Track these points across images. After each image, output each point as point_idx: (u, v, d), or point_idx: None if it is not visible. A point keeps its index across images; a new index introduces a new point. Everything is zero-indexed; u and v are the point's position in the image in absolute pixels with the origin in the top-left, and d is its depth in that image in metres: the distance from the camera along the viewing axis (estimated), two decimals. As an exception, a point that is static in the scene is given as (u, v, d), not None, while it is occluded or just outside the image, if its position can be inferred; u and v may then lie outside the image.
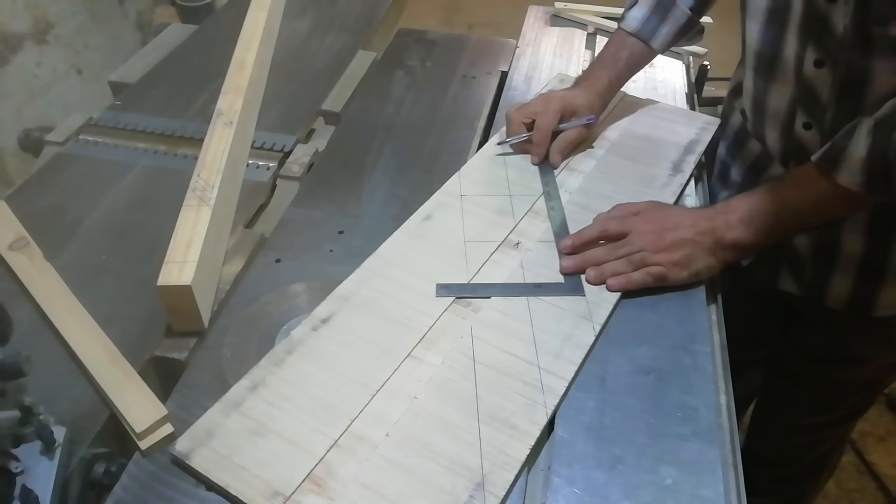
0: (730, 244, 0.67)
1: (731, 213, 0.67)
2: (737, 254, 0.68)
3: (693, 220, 0.68)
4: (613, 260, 0.67)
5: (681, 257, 0.66)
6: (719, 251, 0.67)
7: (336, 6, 1.23)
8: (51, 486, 0.50)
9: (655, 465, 0.53)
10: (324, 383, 0.57)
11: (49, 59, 1.70)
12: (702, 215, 0.68)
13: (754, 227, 0.66)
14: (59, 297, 0.66)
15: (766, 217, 0.66)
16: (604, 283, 0.66)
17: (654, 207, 0.71)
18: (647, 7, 0.85)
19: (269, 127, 0.92)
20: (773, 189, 0.67)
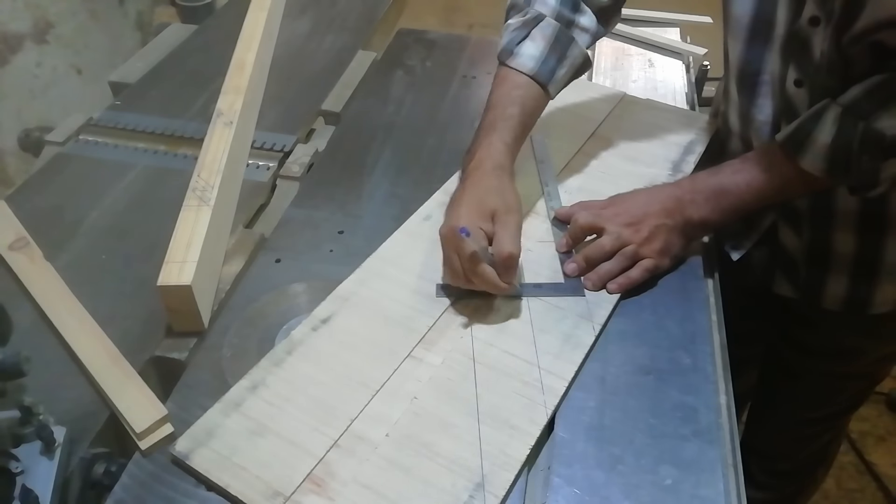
0: (698, 223, 0.68)
1: (697, 192, 0.68)
2: (702, 232, 0.70)
3: (661, 202, 0.68)
4: (607, 260, 0.67)
5: (661, 245, 0.67)
6: (688, 229, 0.68)
7: (336, 6, 1.23)
8: (51, 486, 0.50)
9: (655, 465, 0.53)
10: (324, 383, 0.57)
11: (49, 59, 1.69)
12: (669, 195, 0.69)
13: (720, 206, 0.67)
14: (59, 297, 0.66)
15: (731, 198, 0.67)
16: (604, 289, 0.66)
17: (619, 199, 0.71)
18: (542, 43, 0.71)
19: (269, 127, 0.92)
20: (738, 170, 0.67)
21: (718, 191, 0.67)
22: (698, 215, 0.67)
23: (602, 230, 0.68)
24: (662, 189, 0.71)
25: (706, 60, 1.09)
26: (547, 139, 0.86)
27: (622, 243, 0.67)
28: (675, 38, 1.13)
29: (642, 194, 0.71)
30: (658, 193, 0.70)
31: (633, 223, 0.67)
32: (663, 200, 0.68)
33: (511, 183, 0.66)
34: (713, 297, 0.69)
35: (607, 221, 0.68)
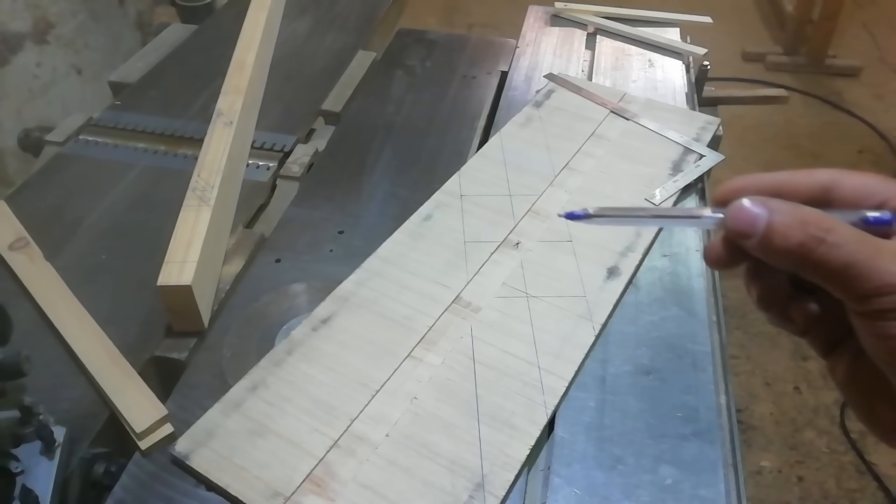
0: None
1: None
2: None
3: None
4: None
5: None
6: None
7: (336, 6, 1.23)
8: (51, 486, 0.50)
9: (655, 465, 0.53)
10: (324, 384, 0.57)
11: (49, 59, 1.70)
12: None
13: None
14: (59, 297, 0.66)
15: None
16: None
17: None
18: None
19: (269, 127, 0.92)
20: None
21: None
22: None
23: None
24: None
25: (706, 60, 1.09)
26: (550, 140, 0.86)
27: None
28: (675, 38, 1.13)
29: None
30: None
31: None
32: None
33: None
34: (713, 297, 0.69)
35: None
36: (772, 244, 0.29)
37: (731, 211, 0.31)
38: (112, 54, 1.88)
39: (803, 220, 0.29)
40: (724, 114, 0.98)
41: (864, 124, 2.38)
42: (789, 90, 2.36)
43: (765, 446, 1.47)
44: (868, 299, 0.28)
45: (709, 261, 0.33)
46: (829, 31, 2.55)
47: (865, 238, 0.29)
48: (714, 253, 0.33)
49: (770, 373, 1.59)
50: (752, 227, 0.30)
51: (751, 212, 0.30)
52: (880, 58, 2.72)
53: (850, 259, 0.28)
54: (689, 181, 0.80)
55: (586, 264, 0.69)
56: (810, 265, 0.29)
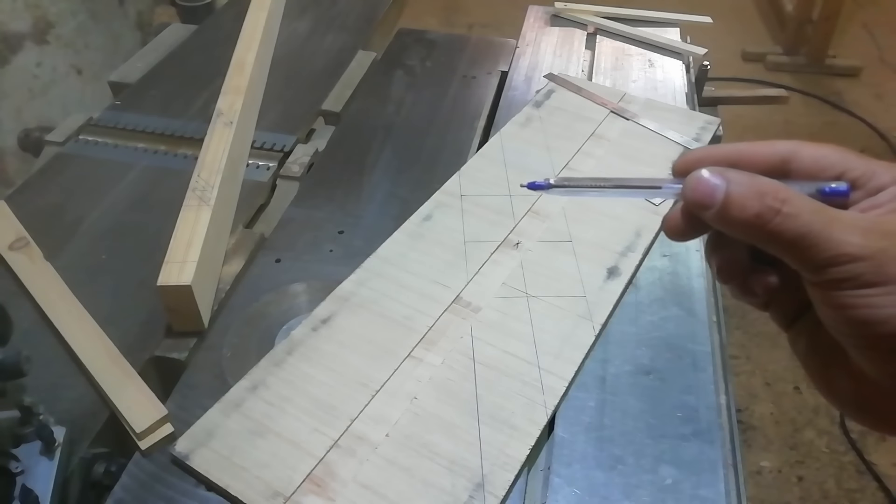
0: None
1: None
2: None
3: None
4: None
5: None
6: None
7: (336, 6, 1.23)
8: (51, 486, 0.50)
9: (655, 465, 0.53)
10: (324, 384, 0.57)
11: (49, 59, 1.70)
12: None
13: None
14: (59, 297, 0.66)
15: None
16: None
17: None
18: None
19: (269, 127, 0.92)
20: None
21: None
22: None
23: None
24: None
25: (706, 60, 1.09)
26: (549, 140, 0.86)
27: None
28: (675, 38, 1.13)
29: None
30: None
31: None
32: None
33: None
34: (713, 297, 0.69)
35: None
36: (729, 215, 0.29)
37: (689, 181, 0.31)
38: (112, 54, 1.88)
39: (760, 191, 0.29)
40: (724, 114, 0.98)
41: (864, 124, 2.38)
42: (789, 90, 2.36)
43: (765, 446, 1.47)
44: (823, 269, 0.28)
45: (667, 232, 0.33)
46: (829, 31, 2.55)
47: (821, 208, 0.29)
48: (673, 223, 0.33)
49: (770, 373, 1.59)
50: (711, 198, 0.30)
51: (709, 182, 0.30)
52: (880, 58, 2.72)
53: (804, 229, 0.28)
54: (689, 181, 0.80)
55: (586, 264, 0.69)
56: (767, 236, 0.29)
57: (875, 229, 0.28)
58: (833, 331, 0.29)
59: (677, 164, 0.33)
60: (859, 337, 0.28)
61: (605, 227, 0.73)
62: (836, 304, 0.28)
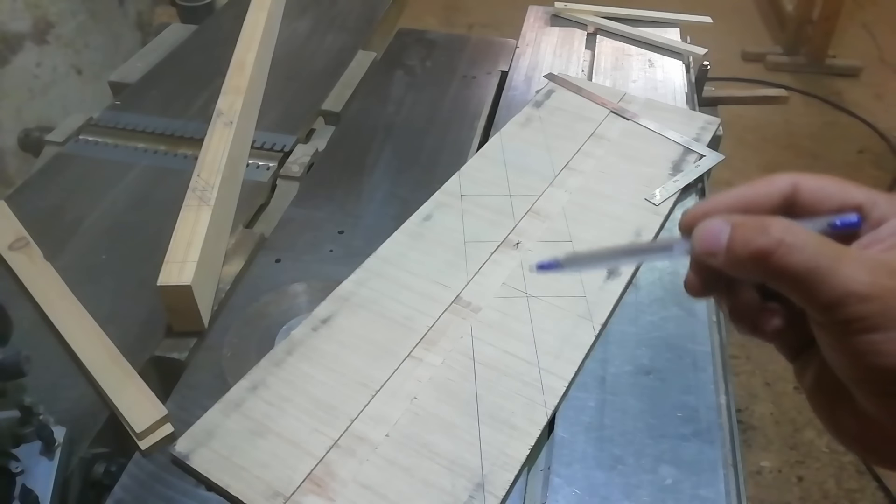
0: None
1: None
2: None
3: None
4: None
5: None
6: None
7: (336, 6, 1.23)
8: (51, 486, 0.50)
9: (655, 465, 0.53)
10: (324, 384, 0.57)
11: (49, 59, 1.70)
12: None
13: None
14: (59, 297, 0.66)
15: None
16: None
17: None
18: None
19: (269, 127, 0.92)
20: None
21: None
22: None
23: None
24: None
25: (706, 60, 1.09)
26: (551, 140, 0.86)
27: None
28: (675, 38, 1.13)
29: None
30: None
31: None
32: None
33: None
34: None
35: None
36: (734, 254, 0.29)
37: (696, 233, 0.31)
38: (112, 54, 1.88)
39: (762, 226, 0.29)
40: (724, 114, 0.98)
41: (864, 124, 2.38)
42: (789, 90, 2.36)
43: (765, 446, 1.47)
44: (830, 309, 0.27)
45: (688, 290, 0.33)
46: (829, 31, 2.55)
47: (827, 243, 0.28)
48: (690, 283, 0.33)
49: (770, 373, 1.59)
50: (717, 243, 0.30)
51: (714, 228, 0.30)
52: (880, 58, 2.72)
53: (812, 264, 0.27)
54: (689, 181, 0.80)
55: (586, 264, 0.69)
56: (773, 270, 0.28)
57: (883, 268, 0.27)
58: (838, 372, 0.29)
59: (684, 221, 0.33)
60: (865, 381, 0.28)
61: (605, 227, 0.73)
62: (842, 347, 0.27)
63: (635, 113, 0.91)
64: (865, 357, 0.27)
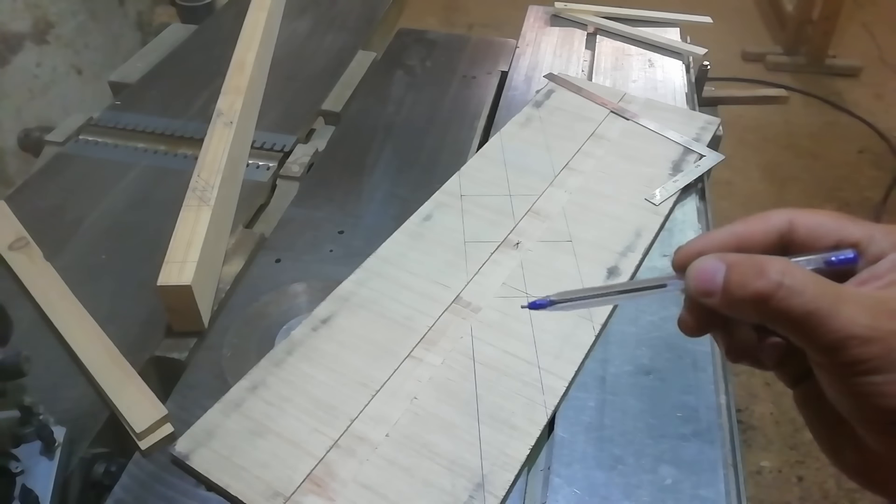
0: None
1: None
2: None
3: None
4: None
5: None
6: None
7: (336, 6, 1.23)
8: (51, 486, 0.50)
9: (655, 465, 0.53)
10: (324, 384, 0.57)
11: (49, 59, 1.70)
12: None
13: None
14: (59, 297, 0.66)
15: None
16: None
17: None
18: None
19: (269, 127, 0.92)
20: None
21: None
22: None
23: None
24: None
25: (706, 60, 1.09)
26: (551, 140, 0.86)
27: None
28: (675, 38, 1.13)
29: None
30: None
31: None
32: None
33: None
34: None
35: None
36: (732, 296, 0.29)
37: (690, 272, 0.30)
38: (112, 54, 1.88)
39: (760, 268, 0.28)
40: (724, 114, 0.98)
41: (864, 124, 2.38)
42: (789, 90, 2.36)
43: (765, 446, 1.47)
44: (832, 351, 0.27)
45: (682, 330, 0.32)
46: (829, 31, 2.55)
47: (826, 284, 0.28)
48: (685, 323, 0.32)
49: (770, 373, 1.58)
50: (712, 283, 0.29)
51: (709, 268, 0.29)
52: (880, 58, 2.72)
53: (811, 306, 0.27)
54: (689, 181, 0.80)
55: (586, 264, 0.69)
56: (772, 314, 0.28)
57: (883, 309, 0.27)
58: (840, 409, 0.28)
59: (677, 259, 0.32)
60: (867, 420, 0.28)
61: (605, 227, 0.73)
62: (843, 388, 0.27)
63: (635, 113, 0.91)
64: (867, 398, 0.27)
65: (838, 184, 2.13)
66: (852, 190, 2.12)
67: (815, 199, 2.06)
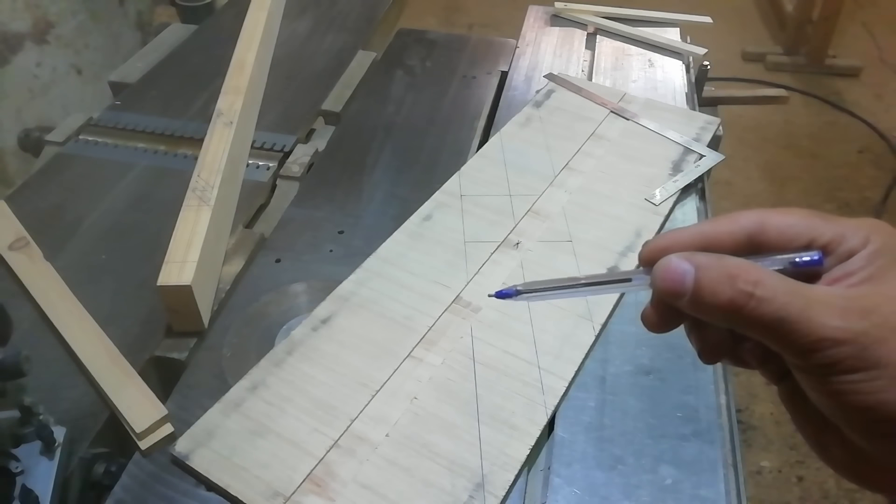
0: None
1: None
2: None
3: None
4: None
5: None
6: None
7: (336, 6, 1.23)
8: (51, 486, 0.50)
9: (655, 465, 0.53)
10: (324, 384, 0.57)
11: (49, 59, 1.69)
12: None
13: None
14: (59, 297, 0.66)
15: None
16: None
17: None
18: None
19: (269, 127, 0.92)
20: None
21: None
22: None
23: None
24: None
25: (706, 60, 1.09)
26: (551, 140, 0.86)
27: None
28: (675, 38, 1.13)
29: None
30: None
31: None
32: None
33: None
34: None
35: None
36: (702, 302, 0.28)
37: (657, 270, 0.30)
38: (112, 54, 1.88)
39: (730, 274, 0.28)
40: (724, 114, 0.98)
41: (864, 124, 2.38)
42: (789, 90, 2.36)
43: (765, 446, 1.47)
44: (806, 354, 0.27)
45: (646, 325, 0.32)
46: (829, 31, 2.55)
47: (795, 288, 0.28)
48: (649, 318, 0.32)
49: (770, 373, 1.58)
50: (681, 286, 0.29)
51: (677, 269, 0.29)
52: (880, 58, 2.73)
53: (782, 313, 0.27)
54: (689, 181, 0.80)
55: (586, 264, 0.69)
56: (743, 322, 0.28)
57: (853, 308, 0.27)
58: (822, 409, 0.29)
59: (643, 254, 0.32)
60: (848, 419, 0.28)
61: (605, 227, 0.73)
62: (822, 389, 0.27)
63: (635, 113, 0.91)
64: (846, 396, 0.27)
65: (838, 184, 2.13)
66: (852, 190, 2.12)
67: (815, 199, 2.06)
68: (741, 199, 2.03)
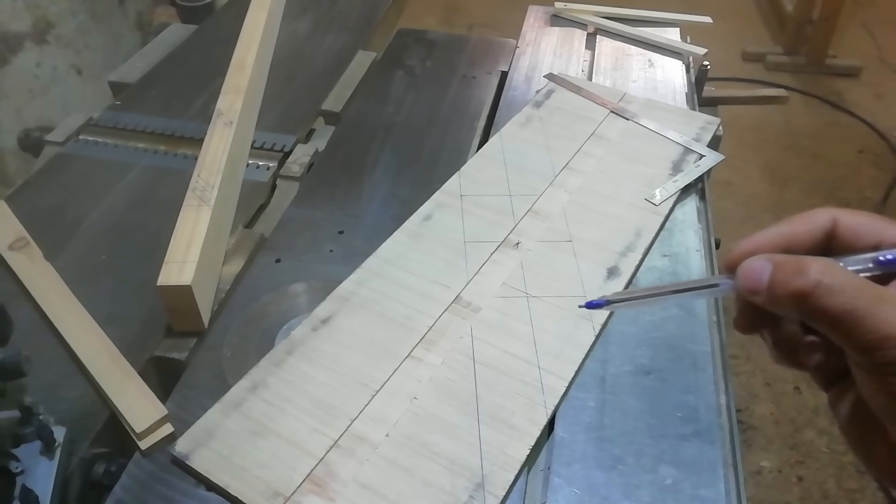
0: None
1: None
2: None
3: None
4: None
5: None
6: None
7: (336, 6, 1.23)
8: (51, 486, 0.50)
9: (655, 465, 0.53)
10: (324, 384, 0.57)
11: (49, 59, 1.70)
12: None
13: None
14: (59, 297, 0.66)
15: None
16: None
17: None
18: None
19: (269, 127, 0.92)
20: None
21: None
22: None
23: None
24: None
25: (706, 60, 1.09)
26: (551, 139, 0.86)
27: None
28: (675, 38, 1.13)
29: None
30: None
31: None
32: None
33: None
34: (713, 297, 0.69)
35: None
36: (775, 293, 0.30)
37: (740, 271, 0.32)
38: (112, 54, 1.88)
39: (801, 268, 0.29)
40: (724, 114, 0.98)
41: (864, 124, 2.38)
42: (789, 90, 2.36)
43: (765, 446, 1.47)
44: (869, 351, 0.28)
45: (737, 328, 0.34)
46: (829, 31, 2.55)
47: (866, 285, 0.29)
48: (737, 321, 0.34)
49: (770, 373, 1.59)
50: (759, 282, 0.31)
51: (756, 267, 0.31)
52: (880, 58, 2.73)
53: (849, 306, 0.28)
54: (689, 181, 0.80)
55: (586, 264, 0.69)
56: (811, 311, 0.29)
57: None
58: (874, 409, 0.29)
59: (728, 260, 0.34)
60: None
61: (605, 227, 0.73)
62: (879, 387, 0.28)
63: (635, 113, 0.91)
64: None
65: (838, 184, 2.13)
66: (852, 190, 2.12)
67: (815, 199, 2.06)
68: (741, 199, 2.03)
